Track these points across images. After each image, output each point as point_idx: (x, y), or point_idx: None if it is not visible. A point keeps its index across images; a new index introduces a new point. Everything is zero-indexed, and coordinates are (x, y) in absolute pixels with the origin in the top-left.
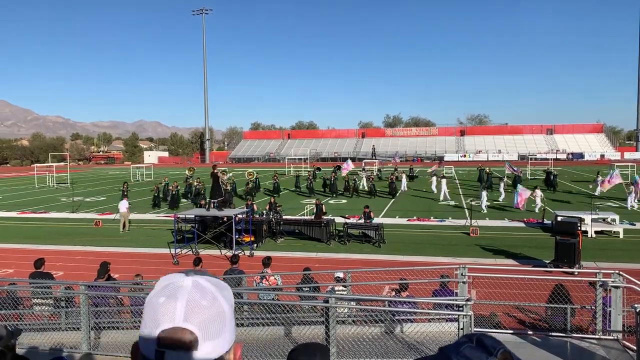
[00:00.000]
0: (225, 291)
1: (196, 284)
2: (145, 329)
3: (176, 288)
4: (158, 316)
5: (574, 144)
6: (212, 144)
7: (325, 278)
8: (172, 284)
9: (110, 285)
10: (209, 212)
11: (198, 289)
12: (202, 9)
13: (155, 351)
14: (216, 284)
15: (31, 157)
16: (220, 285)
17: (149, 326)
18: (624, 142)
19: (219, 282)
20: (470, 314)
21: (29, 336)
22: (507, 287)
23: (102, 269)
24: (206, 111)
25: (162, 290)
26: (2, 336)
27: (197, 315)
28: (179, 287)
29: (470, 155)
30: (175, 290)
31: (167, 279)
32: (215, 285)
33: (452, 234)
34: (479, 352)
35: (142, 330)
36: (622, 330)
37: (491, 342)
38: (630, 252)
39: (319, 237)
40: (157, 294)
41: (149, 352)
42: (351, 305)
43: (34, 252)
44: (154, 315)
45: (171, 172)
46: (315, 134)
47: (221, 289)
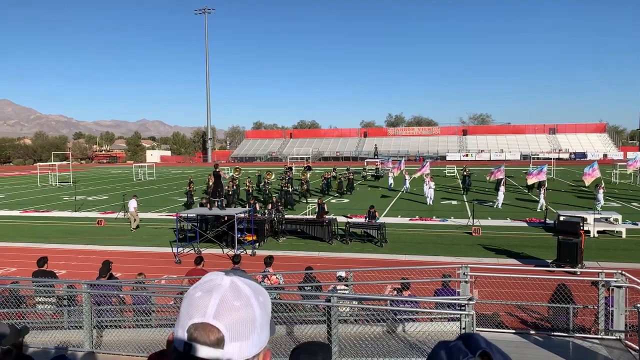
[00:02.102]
0: (261, 296)
1: (233, 284)
2: (179, 320)
3: (214, 285)
4: (191, 309)
5: (576, 144)
6: (215, 143)
7: (327, 277)
8: (211, 281)
9: (113, 284)
10: (211, 211)
11: (234, 289)
12: (205, 9)
13: (184, 344)
14: (253, 287)
15: (34, 156)
16: (258, 290)
17: (183, 318)
18: (627, 142)
19: (257, 286)
20: (472, 314)
21: (32, 334)
22: (509, 286)
23: (104, 267)
24: (208, 110)
25: (201, 285)
26: (6, 334)
27: (227, 315)
28: (217, 284)
29: (472, 154)
30: (212, 287)
31: (209, 276)
32: (252, 288)
33: (454, 234)
34: (462, 349)
35: (177, 321)
36: (624, 330)
37: (476, 341)
38: (633, 251)
39: (321, 237)
40: (196, 288)
41: (179, 343)
42: (353, 304)
43: (36, 250)
44: (189, 307)
45: (173, 171)
46: (317, 134)
47: (258, 293)
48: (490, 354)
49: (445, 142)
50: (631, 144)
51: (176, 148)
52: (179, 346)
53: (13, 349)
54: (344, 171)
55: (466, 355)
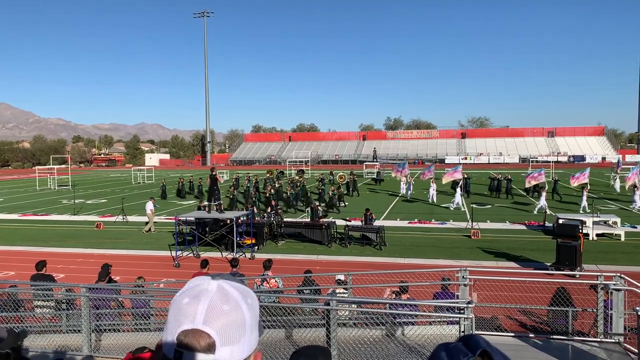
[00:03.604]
0: (249, 298)
1: (220, 288)
2: (167, 327)
3: (201, 290)
4: (180, 316)
5: (575, 147)
6: (213, 146)
7: (326, 281)
8: (198, 286)
9: (111, 288)
10: (210, 214)
11: (222, 293)
12: (204, 12)
13: (175, 350)
14: (241, 290)
15: (32, 160)
16: (245, 292)
17: (171, 325)
18: (625, 145)
19: (244, 288)
20: (471, 317)
21: (30, 338)
22: (509, 289)
23: (103, 271)
24: (207, 113)
25: (188, 291)
26: (4, 338)
27: (216, 319)
28: (204, 289)
29: (471, 157)
30: (199, 292)
31: (195, 281)
32: (240, 291)
33: (453, 237)
34: (462, 349)
35: (165, 328)
36: (623, 333)
37: (476, 341)
38: (632, 254)
39: (320, 240)
40: (183, 294)
41: (169, 350)
42: (352, 307)
43: (35, 254)
44: (177, 314)
45: (172, 174)
46: (316, 137)
47: (245, 296)
48: (490, 352)
49: (444, 146)
50: (630, 146)
51: (175, 151)
52: (169, 353)
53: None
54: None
55: (466, 355)
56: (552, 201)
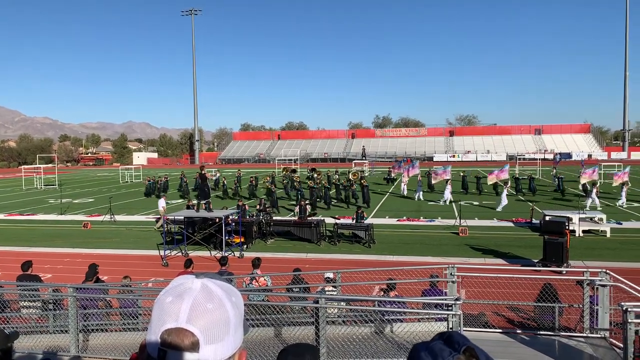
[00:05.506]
0: (233, 296)
1: (204, 287)
2: (151, 326)
3: (184, 289)
4: (163, 315)
5: (561, 144)
6: (202, 144)
7: (315, 279)
8: (181, 285)
9: (99, 288)
10: (199, 213)
11: (205, 291)
12: (192, 10)
13: (158, 349)
14: (225, 288)
15: (18, 159)
16: (230, 291)
17: (155, 324)
18: (611, 142)
19: (229, 287)
20: (459, 313)
21: (17, 339)
22: (496, 286)
23: (91, 271)
24: (196, 112)
25: (171, 289)
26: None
27: (200, 318)
28: (188, 288)
29: (459, 155)
30: (183, 291)
31: (178, 280)
32: (224, 289)
33: (441, 234)
34: (445, 347)
35: (149, 328)
36: (609, 328)
37: (458, 339)
38: (617, 250)
39: (309, 238)
40: (166, 293)
41: (152, 349)
42: (341, 305)
43: (21, 254)
44: (160, 313)
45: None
46: (305, 135)
47: (230, 294)
48: (474, 349)
49: (432, 143)
50: (615, 144)
51: (163, 150)
52: (153, 352)
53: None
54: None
55: (451, 354)
56: (555, 201)
